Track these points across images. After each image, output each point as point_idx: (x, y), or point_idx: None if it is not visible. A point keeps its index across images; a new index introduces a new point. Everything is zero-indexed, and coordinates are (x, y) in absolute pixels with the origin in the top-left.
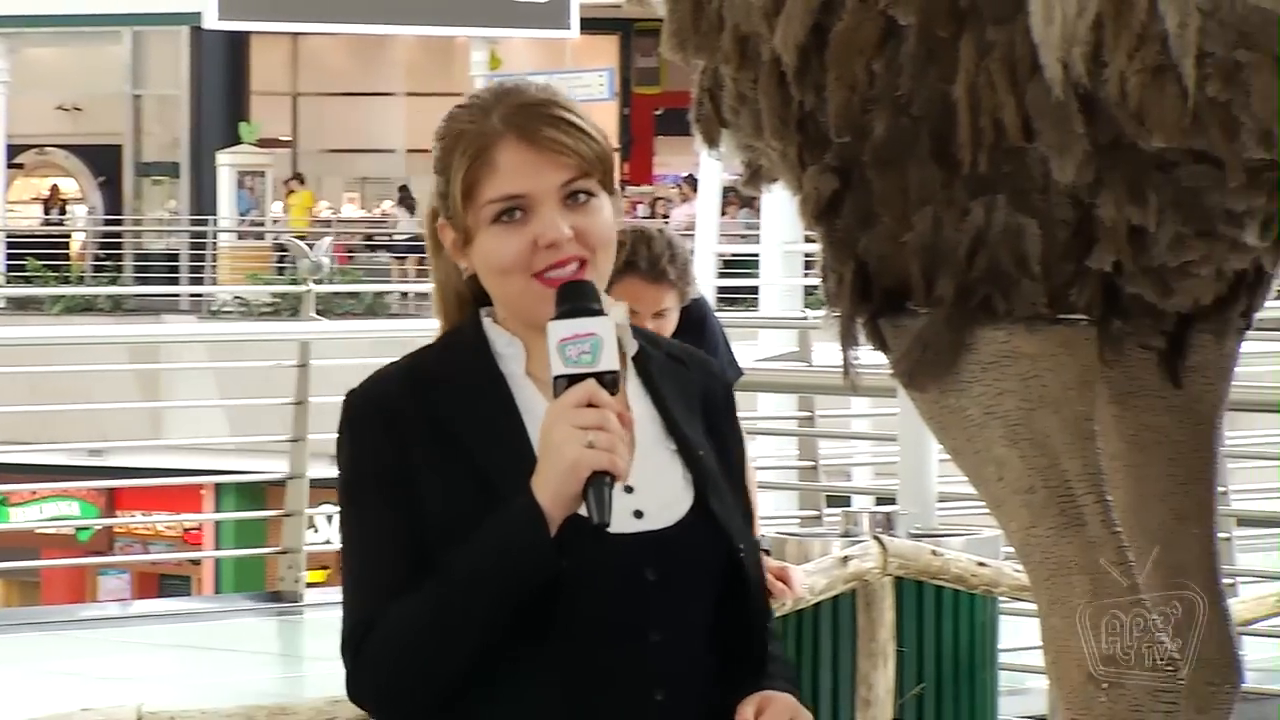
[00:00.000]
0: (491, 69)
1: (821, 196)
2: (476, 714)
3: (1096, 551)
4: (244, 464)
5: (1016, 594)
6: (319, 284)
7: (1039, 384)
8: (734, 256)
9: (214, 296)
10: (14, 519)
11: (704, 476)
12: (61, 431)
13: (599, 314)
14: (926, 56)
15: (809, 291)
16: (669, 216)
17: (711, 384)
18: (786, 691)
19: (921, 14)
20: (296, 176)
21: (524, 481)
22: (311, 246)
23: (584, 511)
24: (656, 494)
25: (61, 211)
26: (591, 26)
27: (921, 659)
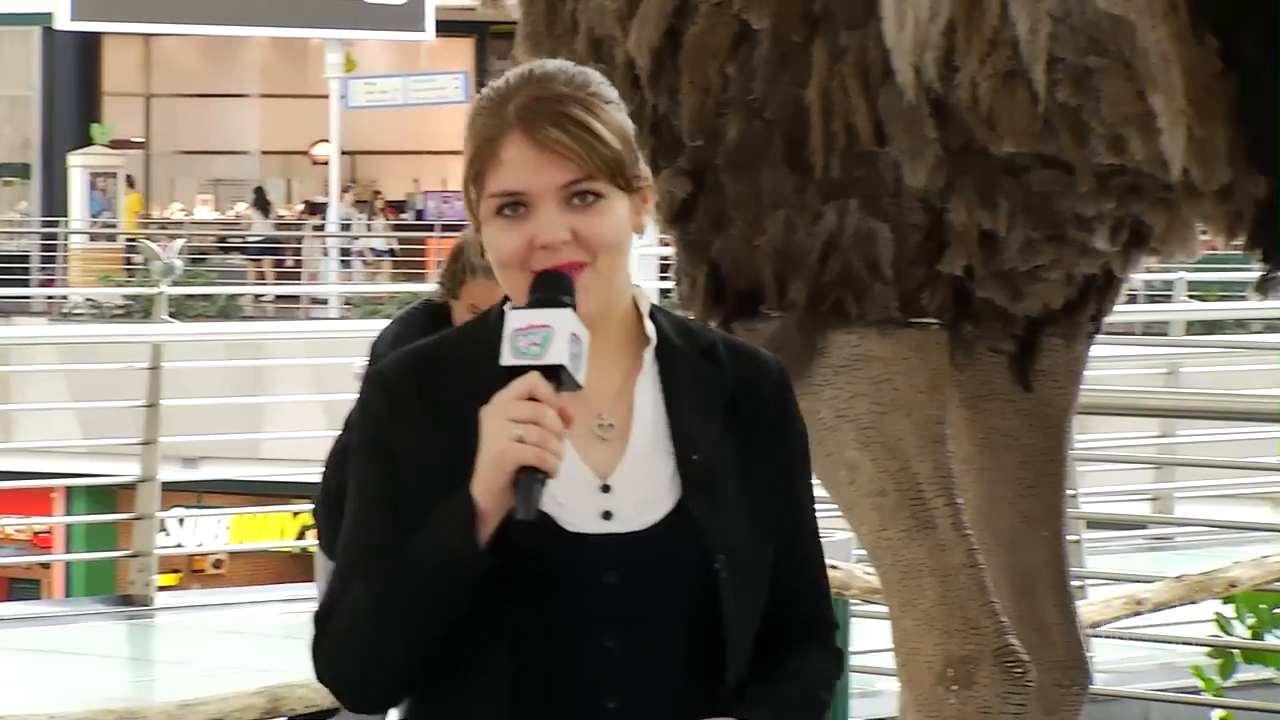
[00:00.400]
0: (347, 71)
1: (675, 200)
2: (429, 708)
3: (947, 554)
4: (95, 467)
5: (868, 596)
6: (171, 286)
7: (890, 387)
8: None
9: (66, 298)
10: None
11: (692, 480)
12: None
13: (562, 307)
14: (780, 61)
15: (664, 295)
16: None
17: (756, 383)
18: None
19: (775, 18)
20: (128, 179)
21: None
22: (164, 249)
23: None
24: (635, 496)
25: None
26: (447, 29)
27: None
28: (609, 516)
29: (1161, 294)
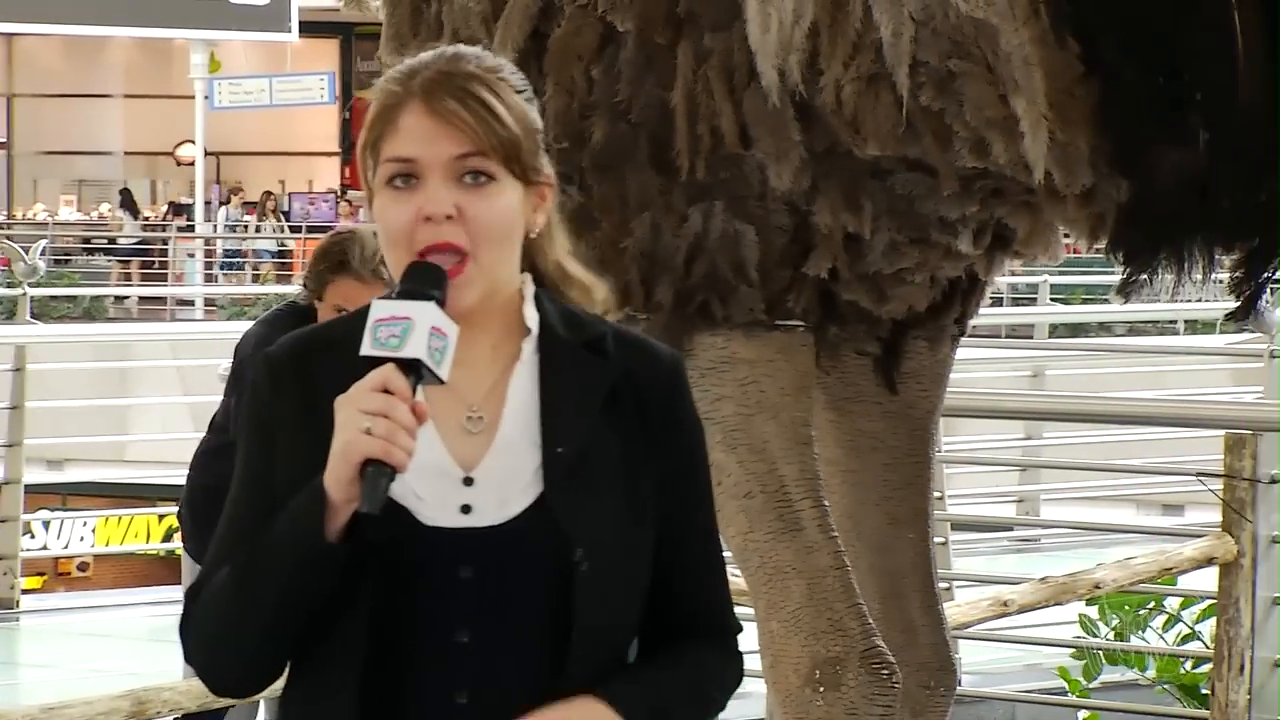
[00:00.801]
0: (211, 72)
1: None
2: (288, 696)
3: (813, 556)
4: None
5: (735, 598)
6: (35, 287)
7: (756, 390)
8: None
9: None
10: None
11: (555, 472)
12: None
13: (426, 300)
14: (645, 63)
15: None
16: None
17: (643, 376)
18: (604, 700)
19: (640, 20)
20: None
21: None
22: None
23: (414, 502)
24: (497, 489)
25: None
26: (311, 30)
27: None
28: (468, 510)
29: (1026, 297)
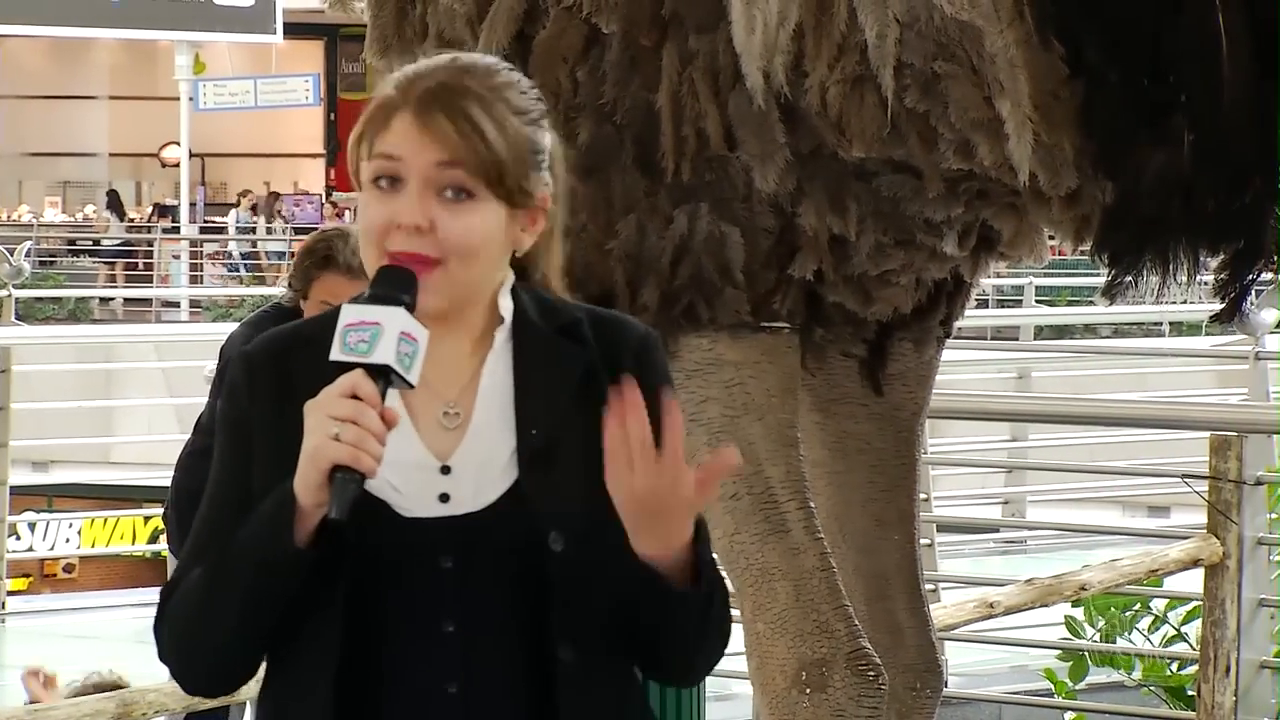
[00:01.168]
0: (196, 73)
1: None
2: (267, 693)
3: (800, 558)
4: None
5: None
6: (20, 288)
7: (742, 391)
8: None
9: None
10: None
11: (527, 459)
12: None
13: (396, 305)
14: (630, 64)
15: None
16: None
17: (615, 354)
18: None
19: (624, 22)
20: None
21: None
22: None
23: (393, 495)
24: (474, 476)
25: None
26: (296, 31)
27: None
28: (446, 499)
29: (1011, 299)
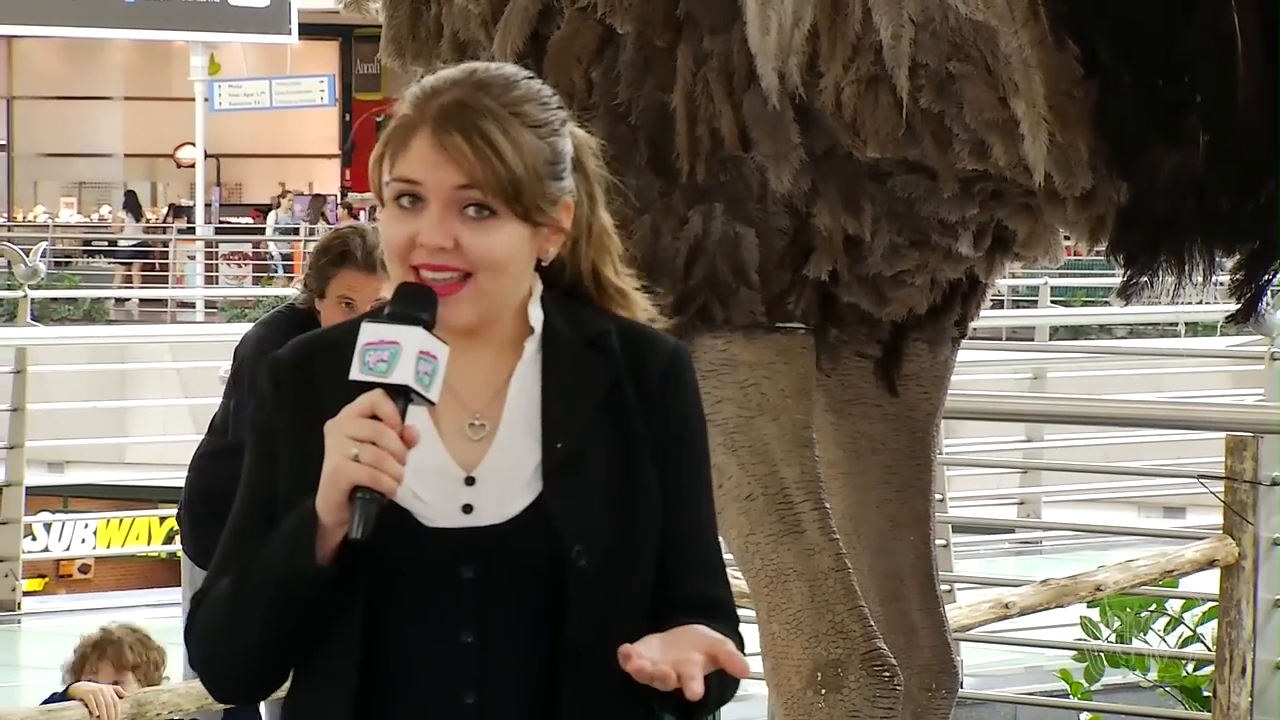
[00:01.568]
0: (211, 74)
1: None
2: (293, 700)
3: (815, 559)
4: None
5: (737, 601)
6: (35, 289)
7: (757, 392)
8: None
9: None
10: None
11: (553, 468)
12: None
13: (414, 324)
14: (644, 65)
15: None
16: None
17: (643, 367)
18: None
19: (639, 22)
20: None
21: None
22: (28, 252)
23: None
24: (498, 487)
25: None
26: (311, 32)
27: None
28: (469, 510)
29: (1027, 299)
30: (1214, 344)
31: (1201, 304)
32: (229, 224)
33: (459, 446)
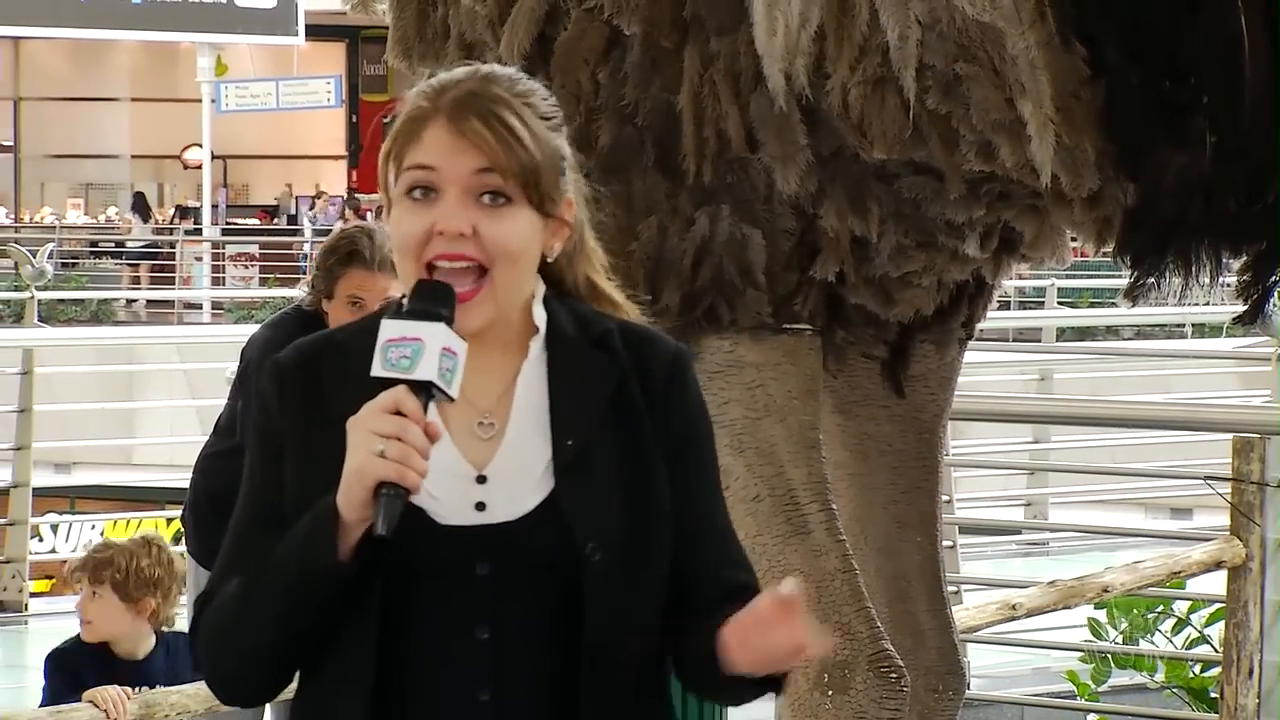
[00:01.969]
0: (218, 75)
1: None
2: (303, 700)
3: (822, 560)
4: None
5: None
6: (42, 290)
7: (764, 393)
8: None
9: None
10: None
11: (565, 466)
12: None
13: (436, 320)
14: (651, 66)
15: None
16: None
17: (648, 367)
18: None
19: (646, 24)
20: None
21: None
22: (35, 253)
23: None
24: (510, 485)
25: None
26: (318, 33)
27: None
28: (482, 507)
29: (1033, 300)
30: (1221, 345)
31: (1208, 305)
32: (236, 225)
33: (469, 445)
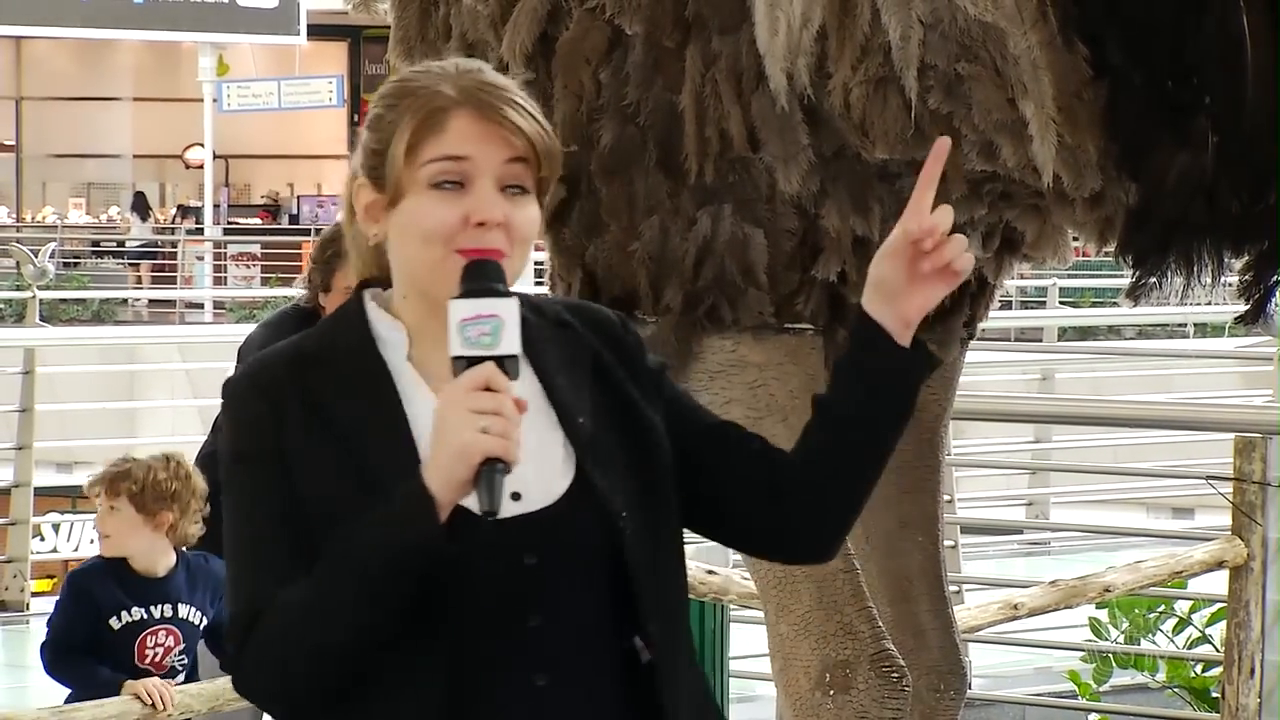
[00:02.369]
0: (219, 75)
1: (549, 205)
2: (360, 703)
3: None
4: None
5: (745, 602)
6: (44, 290)
7: (766, 393)
8: None
9: None
10: None
11: (583, 447)
12: None
13: (504, 295)
14: (653, 66)
15: None
16: None
17: (606, 336)
18: None
19: (648, 23)
20: None
21: (398, 469)
22: (37, 253)
23: (471, 500)
24: (536, 472)
25: None
26: (320, 33)
27: None
28: (518, 497)
29: (1035, 300)
30: (1222, 345)
31: (1210, 305)
32: (237, 225)
33: None
